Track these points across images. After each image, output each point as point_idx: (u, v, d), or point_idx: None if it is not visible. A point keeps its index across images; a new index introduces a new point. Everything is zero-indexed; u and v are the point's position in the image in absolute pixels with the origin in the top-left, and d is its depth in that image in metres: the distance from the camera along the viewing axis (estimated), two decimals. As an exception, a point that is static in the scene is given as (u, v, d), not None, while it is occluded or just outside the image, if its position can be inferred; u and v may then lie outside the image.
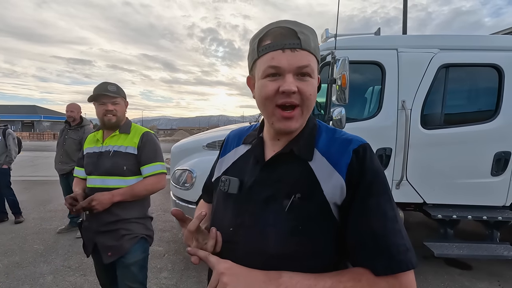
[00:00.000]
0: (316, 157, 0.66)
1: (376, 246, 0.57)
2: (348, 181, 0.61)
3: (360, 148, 0.63)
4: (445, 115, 2.72)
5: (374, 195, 0.60)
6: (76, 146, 3.66)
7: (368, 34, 3.05)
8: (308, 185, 0.63)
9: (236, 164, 0.79)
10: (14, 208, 4.29)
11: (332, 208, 0.62)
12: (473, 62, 2.69)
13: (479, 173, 2.68)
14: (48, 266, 2.99)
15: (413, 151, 2.66)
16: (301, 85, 0.60)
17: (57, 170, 3.79)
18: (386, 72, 2.69)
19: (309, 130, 0.70)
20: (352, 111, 2.83)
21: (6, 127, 4.35)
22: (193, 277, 2.81)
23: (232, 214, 0.70)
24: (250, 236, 0.66)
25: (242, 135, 0.83)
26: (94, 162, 1.60)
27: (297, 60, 0.59)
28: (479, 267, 3.02)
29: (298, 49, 0.59)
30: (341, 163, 0.63)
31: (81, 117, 3.80)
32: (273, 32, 0.61)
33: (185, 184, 2.97)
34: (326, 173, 0.63)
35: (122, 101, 1.65)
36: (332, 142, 0.67)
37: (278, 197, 0.65)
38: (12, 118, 35.47)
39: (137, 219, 1.62)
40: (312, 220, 0.61)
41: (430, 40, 2.78)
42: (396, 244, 0.57)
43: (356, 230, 0.60)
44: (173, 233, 3.94)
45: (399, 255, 0.56)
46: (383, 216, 0.59)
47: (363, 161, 0.62)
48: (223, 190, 0.73)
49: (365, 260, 0.58)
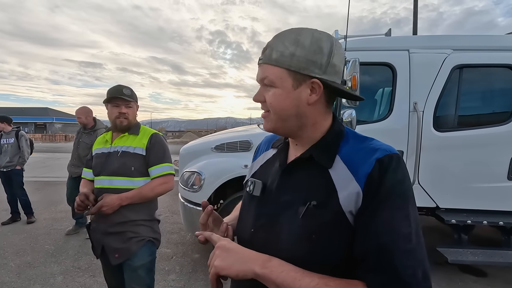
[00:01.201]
0: (337, 164, 0.64)
1: (379, 261, 0.54)
2: (365, 190, 0.58)
3: (385, 158, 0.59)
4: (459, 117, 2.66)
5: (388, 208, 0.56)
6: (88, 151, 3.67)
7: (378, 35, 3.01)
8: (325, 193, 0.62)
9: (263, 167, 0.82)
10: (27, 208, 4.38)
11: (348, 217, 0.59)
12: (488, 63, 2.61)
13: (495, 177, 2.60)
14: (58, 267, 3.03)
15: (425, 154, 2.60)
16: (265, 94, 0.67)
17: (69, 172, 3.84)
18: (398, 74, 2.64)
19: (333, 137, 0.68)
20: (362, 113, 2.78)
21: (18, 128, 4.46)
22: (201, 279, 2.80)
23: (254, 216, 0.73)
24: (266, 239, 0.67)
25: (273, 140, 0.87)
26: (103, 162, 1.61)
27: (259, 73, 0.68)
28: (495, 275, 2.91)
29: (261, 64, 0.67)
30: (360, 172, 0.60)
31: (95, 119, 3.81)
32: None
33: (194, 186, 2.97)
34: (344, 182, 0.61)
35: (134, 105, 1.67)
36: (358, 151, 0.64)
37: (294, 203, 0.64)
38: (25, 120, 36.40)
39: (144, 222, 1.62)
40: (326, 229, 0.60)
41: (443, 41, 2.72)
42: (402, 263, 0.52)
43: (362, 242, 0.56)
44: (181, 235, 3.94)
45: (404, 276, 0.51)
46: (394, 232, 0.54)
47: (386, 171, 0.58)
48: (248, 192, 0.77)
49: (364, 272, 0.55)
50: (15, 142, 4.26)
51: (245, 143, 3.06)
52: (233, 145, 3.13)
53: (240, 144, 3.09)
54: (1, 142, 4.25)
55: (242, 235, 0.75)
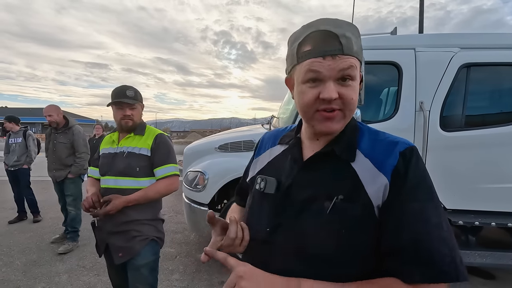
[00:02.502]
0: (359, 158, 0.63)
1: (416, 253, 0.53)
2: (392, 183, 0.58)
3: (407, 151, 0.60)
4: (466, 117, 2.60)
5: (418, 200, 0.57)
6: (68, 150, 3.48)
7: (384, 34, 2.97)
8: (351, 186, 0.61)
9: (271, 164, 0.78)
10: (33, 207, 4.43)
11: (375, 211, 0.59)
12: (496, 61, 2.56)
13: (504, 177, 2.54)
14: (63, 265, 3.05)
15: (432, 154, 2.56)
16: (342, 90, 0.59)
17: (52, 177, 3.58)
18: (403, 73, 2.61)
19: (350, 131, 0.68)
20: (367, 113, 2.75)
21: (26, 128, 4.51)
22: (204, 279, 2.79)
23: (269, 214, 0.69)
24: (288, 237, 0.64)
25: (278, 136, 0.83)
26: (109, 162, 1.62)
27: (337, 64, 0.57)
28: (504, 277, 2.86)
29: (340, 55, 0.57)
30: (386, 165, 0.59)
31: (65, 117, 3.55)
32: (313, 37, 0.59)
33: (197, 186, 2.97)
34: (370, 175, 0.60)
35: (139, 106, 1.67)
36: (376, 144, 0.65)
37: (318, 199, 0.62)
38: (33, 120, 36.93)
39: (148, 221, 1.62)
40: (355, 223, 0.59)
41: (450, 39, 2.67)
42: (440, 251, 0.52)
43: (394, 234, 0.56)
44: (185, 234, 3.95)
45: (442, 264, 0.51)
46: (427, 222, 0.55)
47: (409, 164, 0.59)
48: (259, 190, 0.72)
49: (399, 266, 0.54)
50: (23, 141, 4.31)
51: (248, 142, 3.05)
52: (236, 145, 3.12)
53: (244, 144, 3.08)
54: (9, 141, 4.31)
55: (255, 235, 0.71)
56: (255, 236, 0.71)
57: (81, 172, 3.58)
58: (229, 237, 0.66)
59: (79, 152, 3.52)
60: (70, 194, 3.57)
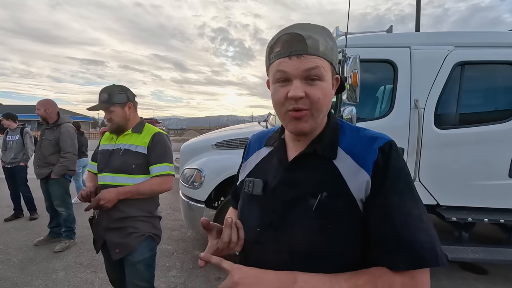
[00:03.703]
0: (340, 155, 0.66)
1: (397, 241, 0.56)
2: (373, 177, 0.61)
3: (385, 146, 0.63)
4: (460, 115, 2.63)
5: (397, 193, 0.60)
6: (53, 148, 3.32)
7: (380, 32, 2.99)
8: (334, 183, 0.63)
9: (258, 166, 0.80)
10: (30, 205, 4.42)
11: (359, 205, 0.62)
12: (491, 60, 2.59)
13: (496, 174, 2.58)
14: (60, 262, 3.06)
15: (426, 151, 2.59)
16: (309, 89, 0.61)
17: (36, 174, 3.42)
18: (399, 71, 2.63)
19: (331, 129, 0.70)
20: (363, 111, 2.77)
21: (24, 126, 4.48)
22: (201, 276, 2.81)
23: (258, 215, 0.71)
24: (278, 236, 0.66)
25: (264, 138, 0.85)
26: (106, 159, 1.64)
27: (303, 64, 0.60)
28: (495, 272, 2.91)
29: (305, 55, 0.60)
30: (367, 161, 0.62)
31: (58, 114, 3.41)
32: (282, 39, 0.63)
33: (194, 183, 2.98)
34: (351, 171, 0.63)
35: (116, 108, 1.61)
36: (356, 141, 0.67)
37: (304, 197, 0.65)
38: (28, 117, 36.54)
39: (144, 218, 1.63)
40: (340, 218, 0.61)
41: (445, 37, 2.69)
42: (420, 240, 0.55)
43: (378, 227, 0.59)
44: (182, 231, 3.97)
45: (422, 251, 0.54)
46: (406, 214, 0.58)
47: (388, 158, 0.62)
48: (247, 192, 0.75)
49: (384, 256, 0.57)
50: (20, 139, 4.28)
51: (245, 140, 3.06)
52: (233, 142, 3.13)
53: (241, 141, 3.10)
54: (6, 138, 4.28)
55: (247, 237, 0.74)
56: (247, 237, 0.73)
57: (66, 172, 3.36)
58: (223, 241, 0.69)
59: (64, 152, 3.31)
60: (56, 197, 3.40)
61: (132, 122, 1.69)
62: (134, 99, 1.72)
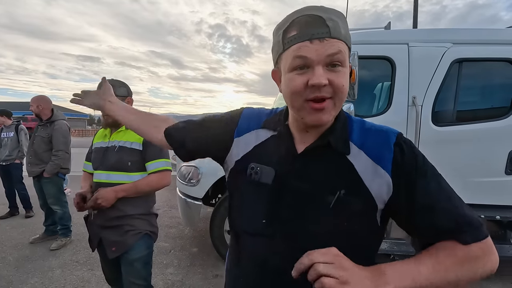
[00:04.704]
0: (353, 150, 0.63)
1: (461, 221, 0.57)
2: (394, 176, 0.60)
3: (399, 141, 0.63)
4: (458, 112, 2.63)
5: (432, 179, 0.60)
6: (45, 145, 3.26)
7: (378, 29, 2.97)
8: (351, 180, 0.61)
9: (259, 149, 0.72)
10: (25, 202, 4.37)
11: (377, 204, 0.61)
12: (488, 57, 2.59)
13: (493, 171, 2.59)
14: (56, 260, 3.04)
15: (423, 148, 2.55)
16: (332, 76, 0.56)
17: (27, 172, 3.37)
18: (397, 67, 2.62)
19: (341, 122, 0.66)
20: (361, 108, 2.76)
21: (18, 122, 4.43)
22: (198, 273, 2.81)
23: (265, 206, 0.66)
24: (288, 231, 0.63)
25: (261, 118, 0.76)
26: (100, 157, 1.61)
27: (326, 49, 0.55)
28: (491, 268, 2.93)
29: (328, 38, 0.55)
30: (384, 159, 0.61)
31: (53, 110, 3.35)
32: (299, 22, 0.57)
33: (191, 181, 2.96)
34: (367, 168, 0.61)
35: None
36: (365, 134, 0.65)
37: (320, 193, 0.62)
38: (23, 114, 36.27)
39: (141, 216, 1.61)
40: (358, 217, 0.60)
41: (442, 34, 2.69)
42: (475, 217, 0.58)
43: (431, 213, 0.58)
44: (179, 229, 3.96)
45: (480, 226, 0.58)
46: (451, 194, 0.60)
47: (406, 152, 0.61)
48: (254, 179, 0.68)
49: (453, 235, 0.58)
50: (15, 136, 4.23)
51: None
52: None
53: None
54: (1, 135, 4.23)
55: (247, 227, 0.69)
56: (249, 228, 0.69)
57: (59, 171, 3.31)
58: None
59: (55, 150, 3.24)
60: (50, 195, 3.37)
61: None
62: (132, 95, 1.70)
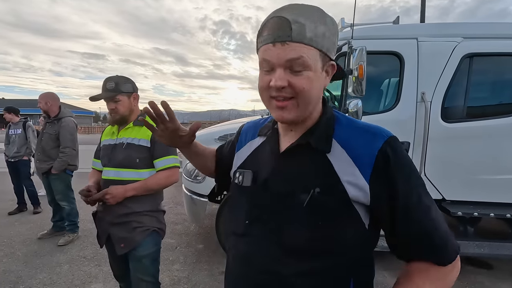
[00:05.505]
0: (335, 149, 0.63)
1: (437, 241, 0.59)
2: (373, 183, 0.59)
3: (386, 147, 0.60)
4: (468, 108, 2.58)
5: (412, 192, 0.60)
6: (53, 142, 3.29)
7: (386, 23, 2.92)
8: (327, 178, 0.61)
9: (251, 157, 0.77)
10: (33, 199, 4.43)
11: (353, 203, 0.60)
12: (500, 51, 2.53)
13: (504, 169, 2.54)
14: (64, 256, 3.07)
15: (432, 145, 2.55)
16: (293, 79, 0.57)
17: (36, 168, 3.43)
18: (405, 63, 2.57)
19: (326, 121, 0.67)
20: (368, 104, 2.73)
21: (26, 119, 4.47)
22: (204, 270, 2.82)
23: (247, 207, 0.69)
24: (265, 230, 0.65)
25: (257, 127, 0.82)
26: (109, 154, 1.61)
27: (286, 53, 0.56)
28: (500, 267, 2.89)
29: (289, 42, 0.55)
30: (363, 162, 0.60)
31: (60, 107, 3.38)
32: (269, 23, 0.58)
33: (197, 177, 2.96)
34: (345, 167, 0.60)
35: (123, 97, 1.59)
36: (352, 133, 0.64)
37: (295, 191, 0.62)
38: (30, 112, 36.68)
39: (149, 212, 1.61)
40: (332, 215, 0.59)
41: (453, 28, 2.63)
42: (450, 238, 0.60)
43: (407, 228, 0.60)
44: (185, 225, 3.97)
45: (453, 246, 0.60)
46: (430, 211, 0.59)
47: (392, 160, 0.60)
48: (237, 184, 0.73)
49: (427, 256, 0.60)
50: (23, 133, 4.28)
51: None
52: (236, 136, 3.10)
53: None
54: (9, 132, 4.28)
55: (235, 229, 0.72)
56: (235, 230, 0.71)
57: (66, 167, 3.34)
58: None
59: (63, 147, 3.27)
60: (58, 192, 3.40)
61: (135, 114, 1.66)
62: (137, 91, 1.70)
